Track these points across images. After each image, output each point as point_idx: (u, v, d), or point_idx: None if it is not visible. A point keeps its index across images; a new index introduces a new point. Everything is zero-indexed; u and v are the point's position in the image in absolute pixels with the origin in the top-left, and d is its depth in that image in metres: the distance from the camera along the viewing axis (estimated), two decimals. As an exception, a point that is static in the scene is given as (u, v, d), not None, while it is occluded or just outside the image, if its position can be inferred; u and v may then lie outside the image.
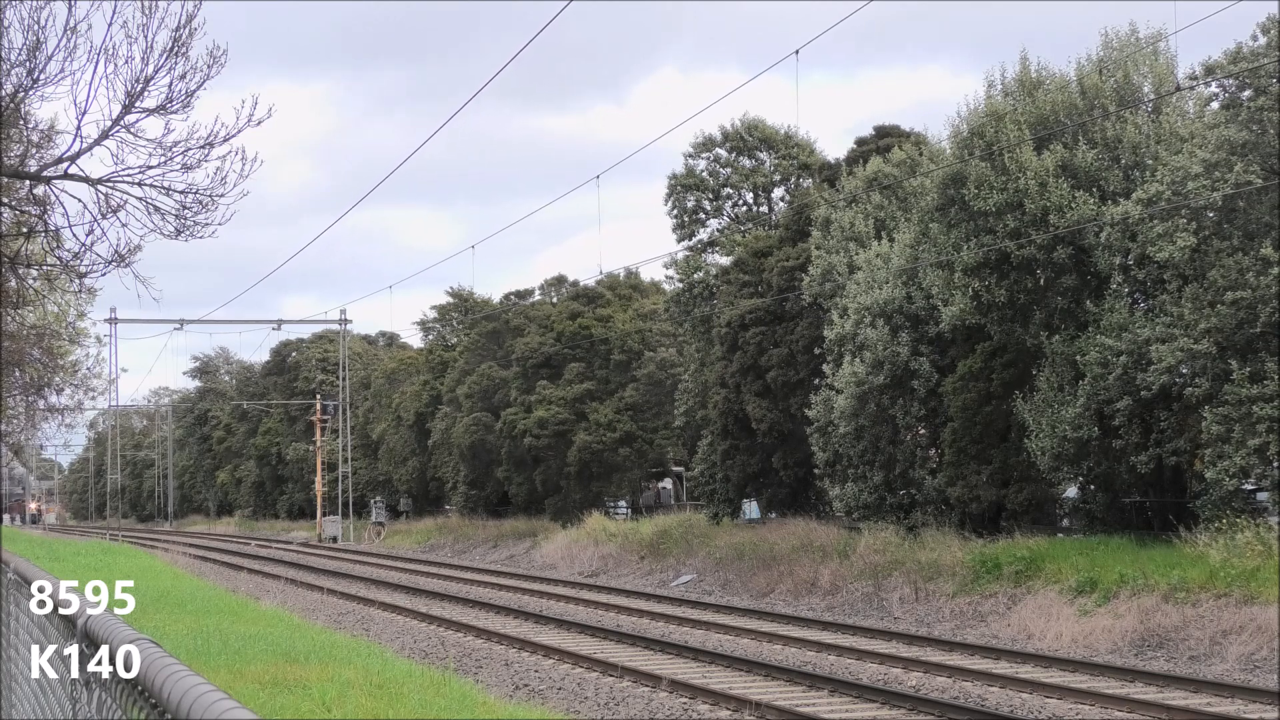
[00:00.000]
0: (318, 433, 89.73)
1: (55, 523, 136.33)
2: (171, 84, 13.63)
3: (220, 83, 13.82)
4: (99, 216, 14.07)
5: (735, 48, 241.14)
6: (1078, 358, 30.41)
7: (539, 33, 38.89)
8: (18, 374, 30.11)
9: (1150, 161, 30.97)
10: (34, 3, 13.14)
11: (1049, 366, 31.64)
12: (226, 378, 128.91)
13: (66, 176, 14.16)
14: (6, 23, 13.30)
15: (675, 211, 54.06)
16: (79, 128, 13.60)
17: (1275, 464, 27.31)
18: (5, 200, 15.33)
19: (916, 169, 37.76)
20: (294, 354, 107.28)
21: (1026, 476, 33.18)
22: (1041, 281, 32.41)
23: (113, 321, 75.44)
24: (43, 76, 13.43)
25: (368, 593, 40.01)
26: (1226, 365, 27.28)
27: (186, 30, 13.50)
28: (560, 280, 73.09)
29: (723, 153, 54.17)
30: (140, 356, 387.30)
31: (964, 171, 32.34)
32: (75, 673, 4.77)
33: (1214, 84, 29.66)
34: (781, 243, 46.03)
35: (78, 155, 13.91)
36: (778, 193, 54.61)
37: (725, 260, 51.58)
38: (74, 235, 14.40)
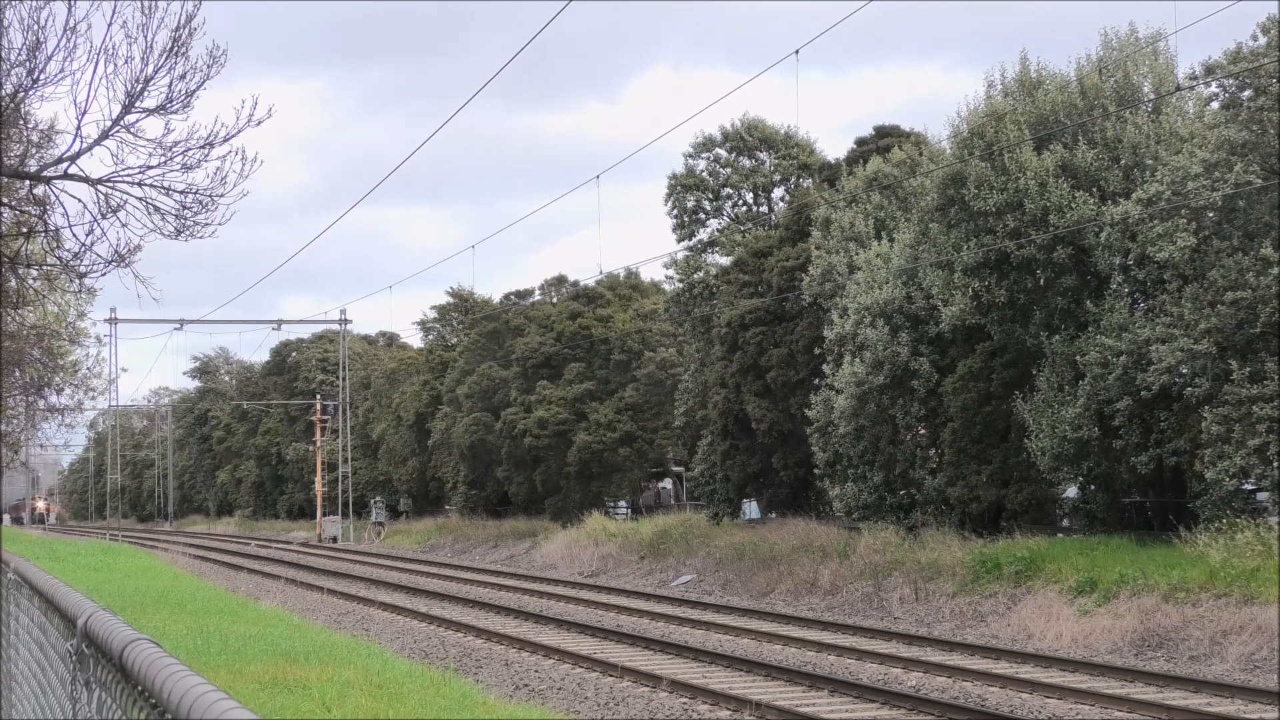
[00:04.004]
0: (318, 433, 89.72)
1: (55, 523, 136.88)
2: (171, 84, 13.62)
3: (213, 81, 13.80)
4: (99, 216, 14.06)
5: (727, 46, 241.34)
6: (1078, 358, 30.41)
7: (541, 29, 38.86)
8: (18, 374, 30.10)
9: (1150, 161, 30.97)
10: (34, 3, 13.14)
11: (1049, 366, 31.65)
12: (226, 378, 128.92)
13: (66, 176, 14.15)
14: (6, 23, 13.30)
15: (675, 211, 54.06)
16: (79, 128, 13.59)
17: (1275, 464, 27.31)
18: (5, 200, 15.33)
19: (916, 169, 37.76)
20: (294, 354, 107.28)
21: (1026, 476, 33.19)
22: (1041, 281, 32.42)
23: (113, 321, 75.51)
24: (43, 76, 13.43)
25: (368, 593, 40.01)
26: (1226, 365, 27.28)
27: (186, 30, 13.50)
28: (560, 280, 73.12)
29: (722, 153, 54.17)
30: (140, 356, 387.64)
31: (964, 171, 32.35)
32: (75, 673, 4.77)
33: (1214, 84, 29.67)
34: (781, 243, 46.03)
35: (78, 155, 13.91)
36: (778, 193, 54.62)
37: (725, 260, 51.58)
38: (74, 235, 14.40)
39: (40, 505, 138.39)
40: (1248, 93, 28.47)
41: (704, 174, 53.97)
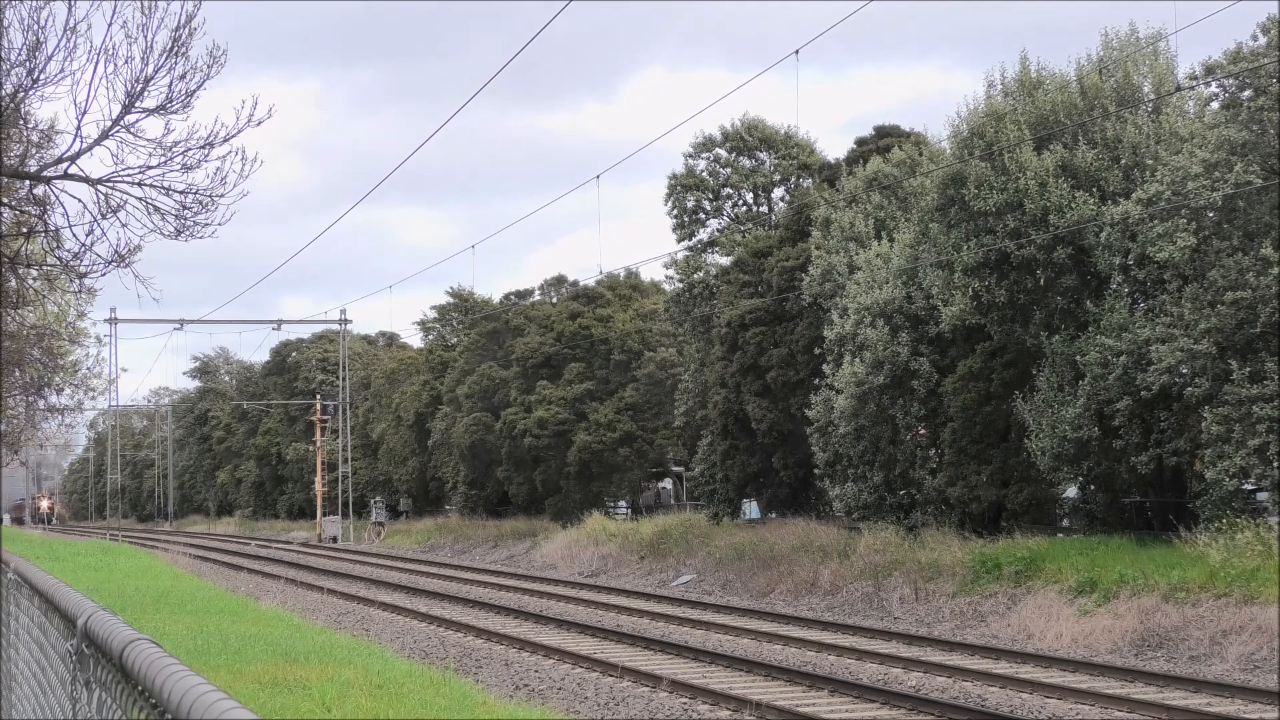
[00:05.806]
0: (318, 433, 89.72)
1: (55, 523, 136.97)
2: (171, 84, 13.63)
3: (210, 81, 13.80)
4: (99, 216, 14.07)
5: (723, 46, 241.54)
6: (1078, 358, 30.41)
7: (544, 27, 38.98)
8: (18, 374, 30.09)
9: (1150, 161, 30.98)
10: (34, 3, 13.14)
11: (1049, 366, 31.65)
12: (226, 378, 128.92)
13: (66, 176, 14.15)
14: (6, 23, 13.30)
15: (675, 211, 54.07)
16: (79, 128, 13.60)
17: (1275, 464, 27.31)
18: (5, 200, 15.33)
19: (916, 169, 37.77)
20: (294, 354, 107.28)
21: (1026, 476, 33.19)
22: (1041, 281, 32.42)
23: (113, 321, 75.52)
24: (43, 76, 13.43)
25: (368, 593, 40.00)
26: (1226, 365, 27.29)
27: (186, 30, 13.50)
28: (560, 280, 73.14)
29: (722, 153, 54.17)
30: (140, 356, 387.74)
31: (964, 171, 32.35)
32: (75, 673, 4.77)
33: (1214, 84, 29.67)
34: (781, 243, 46.04)
35: (78, 155, 13.91)
36: (778, 193, 54.62)
37: (725, 260, 51.58)
38: (74, 235, 14.41)
39: (44, 504, 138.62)
40: (1248, 93, 28.47)
41: (704, 174, 53.97)
